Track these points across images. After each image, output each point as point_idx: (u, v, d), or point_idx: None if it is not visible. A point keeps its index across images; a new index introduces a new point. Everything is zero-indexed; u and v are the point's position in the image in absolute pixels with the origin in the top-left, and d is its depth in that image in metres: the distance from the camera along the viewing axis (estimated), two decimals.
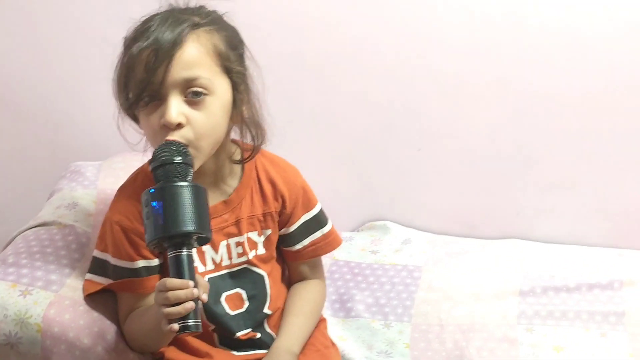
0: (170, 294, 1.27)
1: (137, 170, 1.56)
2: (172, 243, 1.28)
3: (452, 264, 1.96)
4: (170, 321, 1.28)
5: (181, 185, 1.29)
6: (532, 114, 2.03)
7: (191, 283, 1.28)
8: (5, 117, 2.16)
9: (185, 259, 1.29)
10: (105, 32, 2.00)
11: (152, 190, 1.29)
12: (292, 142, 1.57)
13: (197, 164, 1.39)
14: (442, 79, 2.03)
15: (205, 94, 1.38)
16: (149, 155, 1.57)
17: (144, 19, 1.43)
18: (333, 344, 1.68)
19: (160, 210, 1.27)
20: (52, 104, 2.16)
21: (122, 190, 1.54)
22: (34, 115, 2.16)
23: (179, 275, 1.29)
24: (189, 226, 1.27)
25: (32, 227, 1.70)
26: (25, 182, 2.19)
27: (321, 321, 1.68)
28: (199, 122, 1.37)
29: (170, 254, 1.29)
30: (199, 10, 1.45)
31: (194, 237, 1.29)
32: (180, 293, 1.27)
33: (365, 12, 2.00)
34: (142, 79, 1.36)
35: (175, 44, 1.36)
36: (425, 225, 2.14)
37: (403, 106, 2.07)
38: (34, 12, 2.08)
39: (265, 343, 1.57)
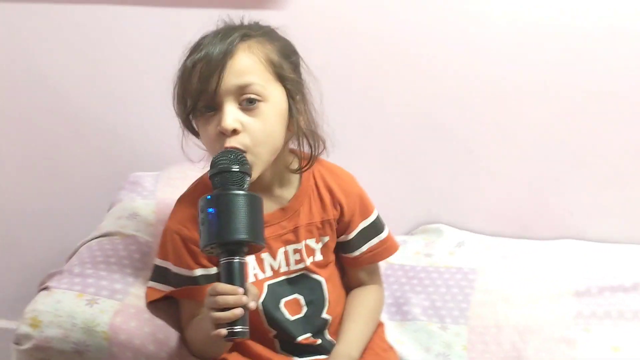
0: (220, 298, 1.30)
1: (196, 180, 1.60)
2: (225, 250, 1.32)
3: (506, 266, 1.96)
4: (218, 326, 1.31)
5: (237, 194, 1.32)
6: (582, 113, 2.03)
7: (240, 290, 1.31)
8: (65, 130, 2.22)
9: (236, 266, 1.32)
10: (160, 46, 2.08)
11: (209, 197, 1.33)
12: (345, 147, 1.59)
13: (255, 172, 1.42)
14: (492, 82, 2.04)
15: (259, 101, 1.41)
16: (207, 166, 1.63)
17: (200, 36, 1.47)
18: (391, 348, 1.70)
19: (215, 217, 1.30)
20: (109, 117, 2.21)
21: (181, 200, 1.58)
22: (93, 129, 2.22)
23: (230, 281, 1.32)
24: (242, 234, 1.30)
25: (95, 238, 1.76)
26: (85, 193, 2.24)
27: (379, 325, 1.70)
28: (254, 128, 1.41)
29: (222, 261, 1.33)
30: (252, 25, 1.49)
31: (247, 245, 1.32)
32: (229, 299, 1.30)
33: (412, 17, 2.02)
34: (197, 89, 1.41)
35: (227, 53, 1.41)
36: (479, 227, 2.15)
37: (454, 109, 2.08)
38: (92, 27, 2.14)
39: (325, 349, 1.60)
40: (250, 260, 1.53)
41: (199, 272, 1.52)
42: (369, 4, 2.02)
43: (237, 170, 1.35)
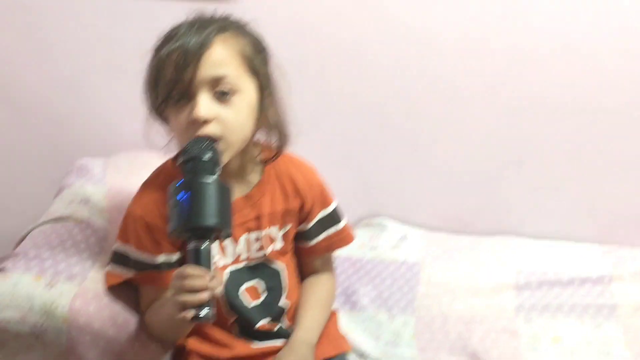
0: (187, 281, 1.32)
1: (159, 168, 1.61)
2: (193, 235, 1.33)
3: (449, 260, 2.03)
4: (184, 309, 1.33)
5: (208, 181, 1.34)
6: (523, 117, 2.11)
7: (209, 274, 1.33)
8: (8, 114, 2.19)
9: (204, 251, 1.34)
10: (108, 30, 2.07)
11: (180, 183, 1.34)
12: (292, 141, 1.63)
13: (224, 159, 1.44)
14: (439, 81, 2.10)
15: (232, 92, 1.43)
16: (155, 154, 1.64)
17: (171, 26, 1.47)
18: (344, 335, 1.74)
19: (186, 202, 1.32)
20: (54, 102, 2.18)
21: (145, 185, 1.59)
22: (37, 113, 2.19)
23: (197, 265, 1.34)
24: (212, 220, 1.32)
25: (47, 222, 1.74)
26: (29, 178, 2.21)
27: (333, 314, 1.74)
28: (227, 118, 1.42)
29: (190, 246, 1.34)
30: (225, 18, 1.51)
31: (215, 231, 1.34)
32: (197, 282, 1.32)
33: (362, 15, 2.06)
34: (172, 79, 1.41)
35: (203, 45, 1.42)
36: (421, 222, 2.21)
37: (400, 107, 2.14)
38: (37, 10, 2.10)
39: (283, 334, 1.63)
40: (214, 245, 1.54)
41: (161, 258, 1.53)
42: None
43: (209, 158, 1.37)
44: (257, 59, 1.48)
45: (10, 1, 2.10)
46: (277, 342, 1.61)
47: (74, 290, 1.53)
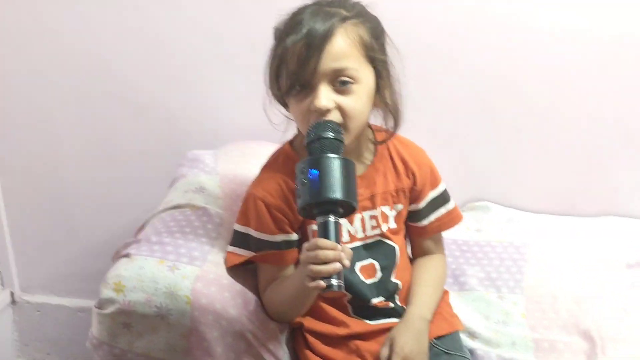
0: (321, 252, 1.38)
1: (277, 151, 1.67)
2: (322, 210, 1.39)
3: (556, 240, 2.03)
4: (315, 280, 1.39)
5: (336, 157, 1.41)
6: (629, 90, 2.09)
7: (339, 246, 1.39)
8: (123, 111, 2.27)
9: (333, 224, 1.40)
10: (216, 25, 2.13)
11: (310, 160, 1.41)
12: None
13: (345, 143, 1.49)
14: (542, 59, 2.09)
15: (352, 83, 1.48)
16: (263, 143, 1.77)
17: (293, 12, 1.53)
18: (456, 314, 1.76)
19: (317, 178, 1.38)
20: (165, 97, 2.26)
21: (265, 169, 1.65)
22: (150, 109, 2.27)
23: (327, 239, 1.39)
24: (341, 194, 1.38)
25: (165, 210, 1.81)
26: (144, 171, 2.29)
27: (445, 293, 1.77)
28: (346, 107, 1.48)
29: (319, 220, 1.40)
30: (345, 3, 1.54)
31: (343, 206, 1.40)
32: (329, 253, 1.37)
33: (466, 2, 2.07)
34: (295, 71, 1.47)
35: (326, 37, 1.46)
36: (525, 205, 2.21)
37: (503, 90, 2.14)
38: (152, 10, 2.18)
39: (396, 313, 1.67)
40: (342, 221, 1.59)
41: (281, 237, 1.58)
42: None
43: (334, 137, 1.43)
44: (376, 45, 1.53)
45: (127, 3, 2.18)
46: (392, 320, 1.66)
47: (196, 273, 1.60)
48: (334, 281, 1.38)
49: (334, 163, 1.40)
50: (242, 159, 2.00)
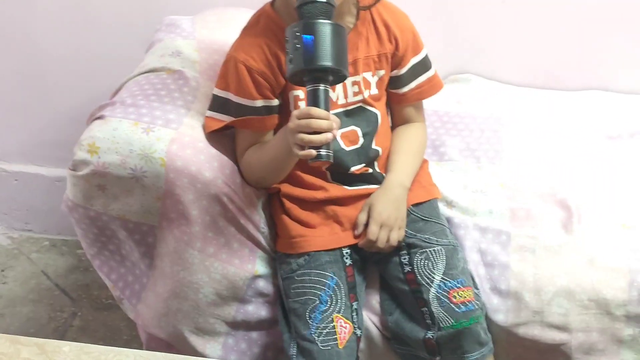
0: (314, 121, 1.36)
1: (257, 13, 1.62)
2: (313, 77, 1.37)
3: (538, 113, 2.02)
4: (304, 149, 1.37)
5: (330, 23, 1.37)
6: None
7: (332, 115, 1.37)
8: None
9: (324, 92, 1.37)
10: None
11: (304, 25, 1.36)
12: None
13: None
14: None
15: None
16: (242, 9, 1.72)
17: None
18: (434, 183, 1.76)
19: (311, 43, 1.34)
20: None
21: (246, 32, 1.60)
22: None
23: (318, 107, 1.37)
24: (335, 62, 1.35)
25: (141, 74, 1.77)
26: (120, 36, 2.23)
27: (424, 162, 1.76)
28: None
29: (309, 88, 1.38)
30: None
31: (334, 73, 1.37)
32: (322, 122, 1.36)
33: None
34: None
35: None
36: (508, 78, 2.18)
37: None
38: None
39: (375, 179, 1.66)
40: None
41: (260, 102, 1.55)
42: None
43: (326, 0, 1.38)
44: None
45: None
46: (370, 186, 1.65)
47: (171, 135, 1.58)
48: (323, 151, 1.37)
49: (328, 29, 1.36)
50: (220, 24, 1.95)
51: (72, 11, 2.24)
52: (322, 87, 1.36)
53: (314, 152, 1.36)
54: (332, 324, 1.52)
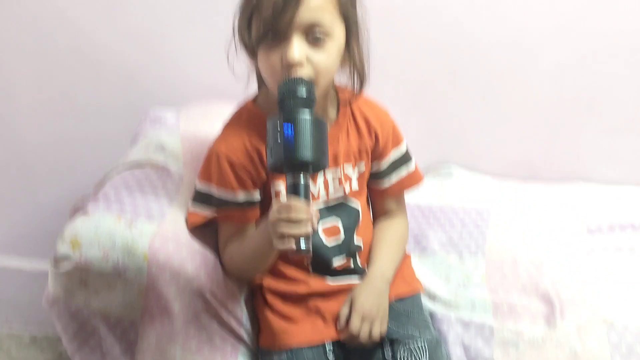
0: (293, 214, 1.36)
1: (240, 108, 1.65)
2: (294, 169, 1.38)
3: (518, 205, 2.04)
4: (284, 240, 1.37)
5: (311, 117, 1.39)
6: (594, 58, 2.09)
7: (311, 206, 1.37)
8: (83, 67, 2.22)
9: (303, 186, 1.38)
10: None
11: (285, 118, 1.38)
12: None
13: None
14: (507, 25, 2.09)
15: (325, 38, 1.46)
16: (226, 102, 1.70)
17: None
18: (417, 278, 1.76)
19: (292, 136, 1.36)
20: (126, 53, 2.21)
21: (228, 126, 1.62)
22: (110, 65, 2.22)
23: (298, 199, 1.38)
24: (315, 155, 1.37)
25: (125, 168, 1.78)
26: (105, 129, 2.25)
27: (406, 256, 1.77)
28: (318, 62, 1.46)
29: (289, 180, 1.39)
30: None
31: (314, 165, 1.39)
32: (301, 215, 1.36)
33: None
34: (270, 19, 1.43)
35: None
36: (489, 169, 2.21)
37: (468, 54, 2.13)
38: None
39: (357, 272, 1.66)
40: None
41: (242, 195, 1.57)
42: None
43: (307, 95, 1.41)
44: (349, 3, 1.51)
45: None
46: (352, 279, 1.65)
47: (153, 230, 1.58)
48: (303, 243, 1.37)
49: (308, 122, 1.38)
50: (204, 118, 1.98)
51: (56, 101, 2.26)
52: (301, 178, 1.38)
53: (293, 245, 1.36)
54: None
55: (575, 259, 1.84)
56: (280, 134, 1.37)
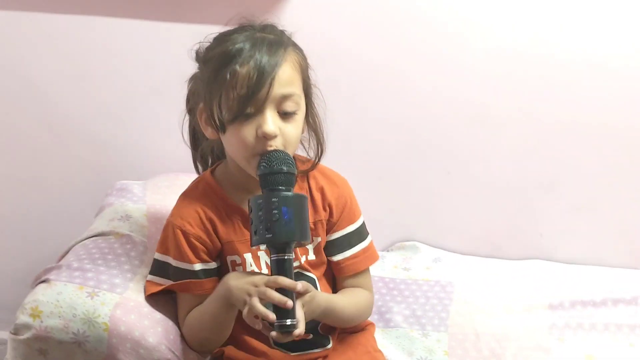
0: (276, 295, 1.40)
1: (197, 179, 1.66)
2: (280, 247, 1.42)
3: (482, 281, 2.05)
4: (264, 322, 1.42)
5: (296, 194, 1.45)
6: (554, 140, 2.14)
7: (299, 286, 1.41)
8: (50, 138, 2.24)
9: (289, 263, 1.43)
10: (145, 56, 2.13)
11: (283, 197, 1.42)
12: (324, 162, 1.67)
13: None
14: (470, 106, 2.14)
15: (295, 109, 1.50)
16: (194, 176, 1.72)
17: (224, 36, 1.53)
18: (380, 350, 1.75)
19: (291, 217, 1.41)
20: (93, 126, 2.24)
21: (184, 197, 1.64)
22: (77, 137, 2.24)
23: (285, 276, 1.42)
24: (300, 234, 1.43)
25: (89, 237, 1.79)
26: (69, 201, 2.26)
27: (371, 325, 1.77)
28: (288, 133, 1.50)
29: (274, 257, 1.43)
30: (275, 30, 1.56)
31: (297, 243, 1.44)
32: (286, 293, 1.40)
33: (395, 39, 2.11)
34: (246, 96, 1.46)
35: (277, 64, 1.47)
36: (453, 246, 2.23)
37: (431, 130, 2.17)
38: (82, 37, 2.17)
39: (319, 343, 1.66)
40: (247, 257, 1.59)
41: (199, 266, 1.58)
42: (354, 24, 2.11)
43: (289, 170, 1.45)
44: (307, 74, 1.56)
45: (57, 29, 2.16)
46: (313, 350, 1.65)
47: (115, 300, 1.57)
48: (292, 321, 1.41)
49: (293, 201, 1.43)
50: (171, 190, 1.99)
51: (20, 172, 2.28)
52: (287, 256, 1.42)
53: (274, 333, 1.41)
54: None
55: (537, 334, 1.85)
56: (278, 212, 1.40)
